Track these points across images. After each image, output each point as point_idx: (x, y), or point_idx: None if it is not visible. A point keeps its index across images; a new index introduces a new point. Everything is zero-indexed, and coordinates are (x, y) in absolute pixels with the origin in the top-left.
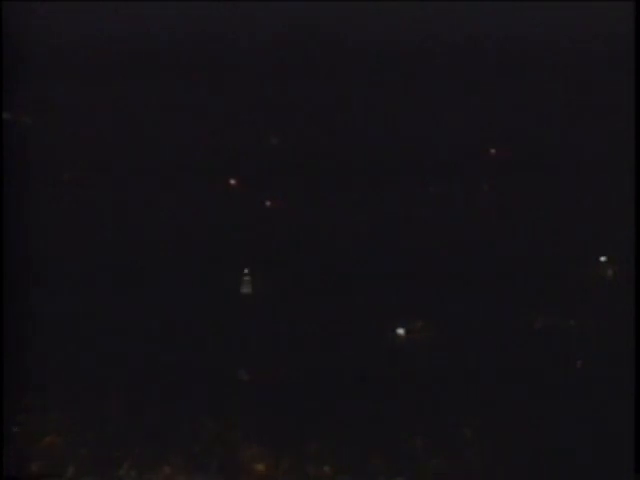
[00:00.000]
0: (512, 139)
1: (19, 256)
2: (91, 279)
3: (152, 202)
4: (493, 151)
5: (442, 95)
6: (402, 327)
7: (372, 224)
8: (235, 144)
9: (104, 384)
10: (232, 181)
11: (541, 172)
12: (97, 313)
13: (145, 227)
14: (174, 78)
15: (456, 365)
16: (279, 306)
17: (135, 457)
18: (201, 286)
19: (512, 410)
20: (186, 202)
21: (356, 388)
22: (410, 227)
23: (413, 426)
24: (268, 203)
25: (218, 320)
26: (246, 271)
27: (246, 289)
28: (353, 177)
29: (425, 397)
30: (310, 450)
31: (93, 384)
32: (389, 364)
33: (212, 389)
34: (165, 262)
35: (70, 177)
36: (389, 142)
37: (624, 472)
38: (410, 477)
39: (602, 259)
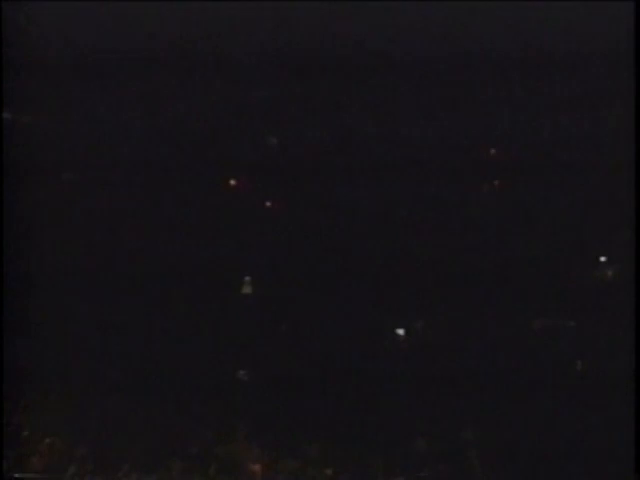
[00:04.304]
0: (512, 139)
1: (19, 256)
2: (91, 279)
3: (152, 202)
4: (493, 151)
5: (442, 95)
6: (402, 327)
7: (372, 224)
8: (235, 144)
9: (104, 384)
10: (232, 181)
11: (541, 172)
12: (97, 313)
13: (144, 227)
14: (174, 78)
15: (456, 365)
16: (279, 306)
17: (135, 457)
18: (201, 286)
19: (512, 410)
20: (186, 202)
21: (356, 388)
22: (410, 227)
23: (414, 427)
24: (268, 203)
25: (218, 320)
26: (247, 271)
27: (246, 289)
28: (353, 177)
29: (425, 397)
30: (311, 451)
31: (93, 384)
32: (389, 364)
33: (212, 389)
34: (165, 262)
35: (70, 177)
36: (389, 142)
37: (624, 472)
38: (411, 478)
39: (602, 259)
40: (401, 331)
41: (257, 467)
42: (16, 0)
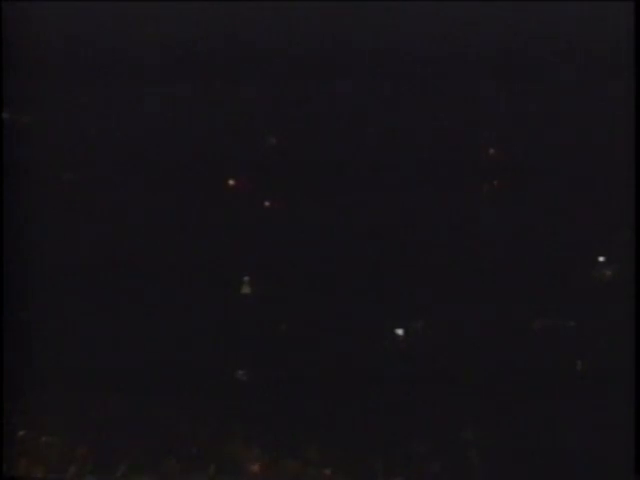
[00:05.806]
0: (512, 139)
1: (19, 256)
2: (91, 279)
3: (152, 202)
4: (493, 151)
5: (442, 95)
6: (402, 327)
7: (372, 224)
8: (235, 144)
9: (103, 384)
10: (231, 181)
11: (540, 172)
12: (97, 313)
13: (145, 227)
14: (174, 78)
15: (456, 365)
16: (279, 306)
17: (134, 457)
18: (201, 286)
19: (512, 410)
20: (186, 202)
21: (356, 389)
22: (410, 227)
23: (413, 427)
24: (268, 203)
25: (218, 320)
26: (246, 271)
27: (246, 289)
28: (353, 177)
29: (425, 397)
30: (310, 452)
31: (93, 384)
32: (389, 364)
33: (212, 389)
34: (165, 262)
35: (70, 177)
36: (389, 142)
37: (624, 472)
38: (410, 478)
39: (602, 259)
40: (401, 331)
41: (257, 467)
42: (16, 0)
